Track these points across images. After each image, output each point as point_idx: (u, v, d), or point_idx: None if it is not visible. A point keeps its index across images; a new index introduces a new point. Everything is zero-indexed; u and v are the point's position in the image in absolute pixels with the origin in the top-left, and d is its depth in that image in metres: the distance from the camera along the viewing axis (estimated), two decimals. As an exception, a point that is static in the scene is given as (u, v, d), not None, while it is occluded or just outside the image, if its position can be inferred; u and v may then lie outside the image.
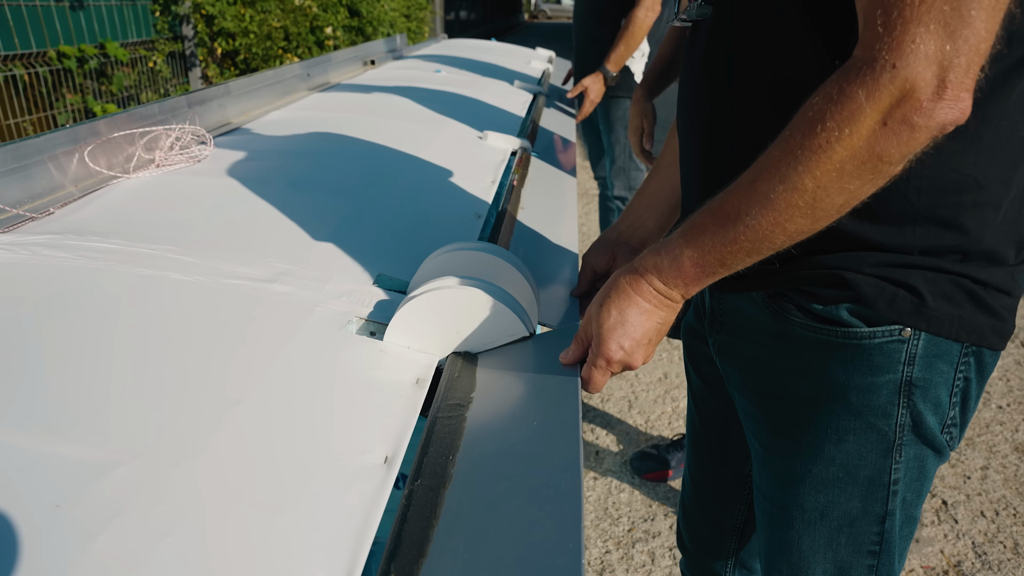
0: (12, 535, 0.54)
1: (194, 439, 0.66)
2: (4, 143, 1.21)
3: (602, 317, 0.80)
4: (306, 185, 1.38)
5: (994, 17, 0.59)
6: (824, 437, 0.84)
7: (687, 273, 0.76)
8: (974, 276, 0.77)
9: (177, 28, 5.23)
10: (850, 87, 0.62)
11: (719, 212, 0.72)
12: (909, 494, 0.86)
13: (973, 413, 0.86)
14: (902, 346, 0.78)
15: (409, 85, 2.49)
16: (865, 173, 0.64)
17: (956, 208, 0.74)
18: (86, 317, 0.84)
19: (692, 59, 0.88)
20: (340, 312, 0.95)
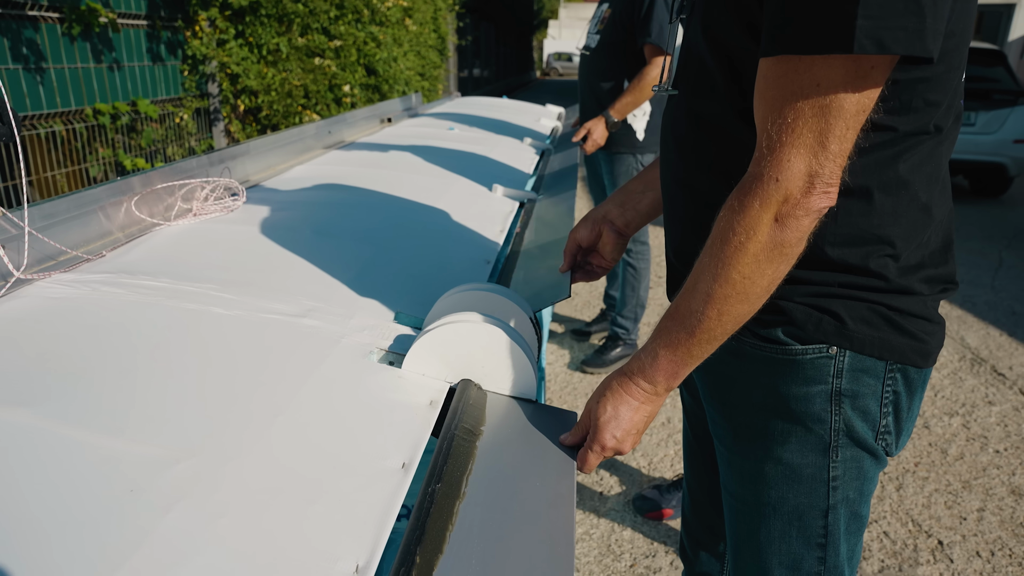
0: (97, 510, 0.65)
1: (241, 442, 0.78)
2: (64, 195, 1.35)
3: (599, 412, 0.95)
4: (330, 232, 1.52)
5: (848, 139, 0.77)
6: (773, 439, 0.97)
7: (665, 369, 0.91)
8: (889, 304, 0.90)
9: (203, 86, 5.47)
10: (747, 199, 0.80)
11: (676, 314, 0.89)
12: (850, 492, 0.97)
13: (911, 424, 0.99)
14: (830, 361, 0.91)
15: (424, 142, 2.65)
16: (775, 259, 0.81)
17: (864, 257, 0.89)
18: (144, 342, 0.97)
19: (665, 121, 1.06)
20: (363, 343, 1.07)
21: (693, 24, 0.97)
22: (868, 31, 0.71)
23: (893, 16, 0.71)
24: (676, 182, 1.02)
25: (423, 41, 8.19)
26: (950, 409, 3.08)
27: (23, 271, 1.14)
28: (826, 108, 0.75)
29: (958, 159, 7.17)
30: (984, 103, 7.08)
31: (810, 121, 0.76)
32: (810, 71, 0.75)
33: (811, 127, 0.76)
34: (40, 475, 0.69)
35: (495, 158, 2.57)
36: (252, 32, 5.55)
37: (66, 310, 1.05)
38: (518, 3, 24.56)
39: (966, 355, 3.62)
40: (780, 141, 0.78)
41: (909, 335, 0.92)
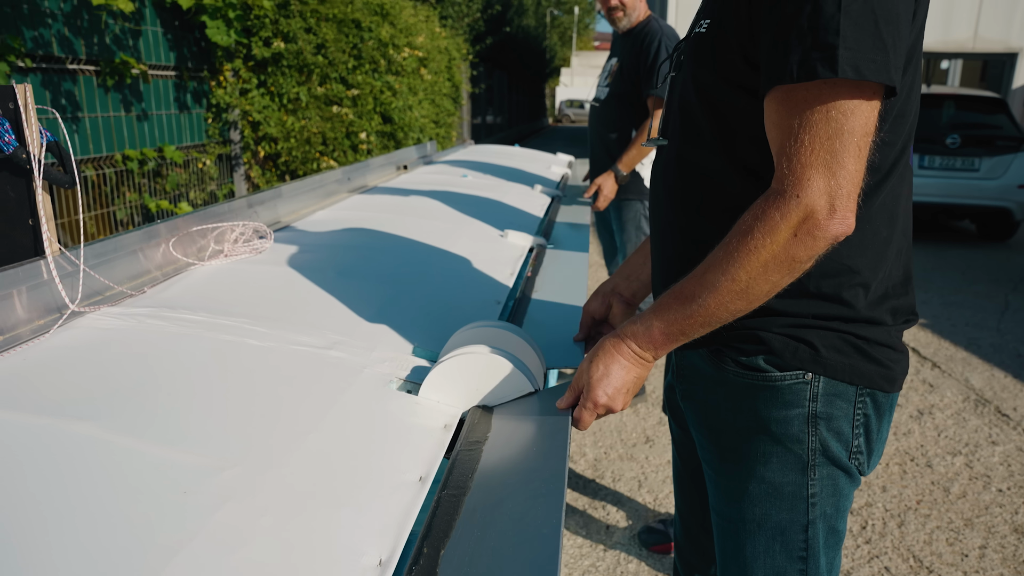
0: (156, 508, 0.75)
1: (277, 454, 0.88)
2: (111, 236, 1.47)
3: (591, 370, 1.03)
4: (352, 274, 1.63)
5: (860, 159, 0.87)
6: (756, 460, 1.06)
7: (656, 339, 1.00)
8: (857, 334, 1.01)
9: (226, 133, 5.68)
10: (770, 210, 0.89)
11: (680, 294, 0.97)
12: (828, 507, 1.06)
13: (881, 445, 1.09)
14: (806, 386, 1.01)
15: (439, 188, 2.78)
16: (783, 269, 0.90)
17: (836, 287, 1.00)
18: (188, 368, 1.07)
19: (656, 168, 1.17)
20: (383, 373, 1.17)
21: (683, 80, 1.09)
22: (848, 60, 0.84)
23: (865, 50, 0.84)
24: (667, 224, 1.13)
25: (437, 90, 8.43)
26: (953, 449, 3.13)
27: (77, 304, 1.25)
28: (838, 130, 0.86)
29: (964, 204, 7.28)
30: (988, 149, 7.21)
31: (824, 143, 0.86)
32: (819, 97, 0.86)
33: (826, 148, 0.86)
34: (108, 477, 0.79)
35: (507, 203, 2.69)
36: (273, 82, 5.77)
37: (117, 339, 1.16)
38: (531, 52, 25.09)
39: (970, 396, 3.68)
40: (800, 162, 0.87)
41: (876, 362, 1.02)
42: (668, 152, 1.12)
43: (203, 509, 0.76)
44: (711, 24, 1.00)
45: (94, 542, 0.70)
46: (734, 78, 0.97)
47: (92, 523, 0.72)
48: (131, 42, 4.39)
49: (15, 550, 0.68)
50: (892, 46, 0.85)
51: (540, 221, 2.55)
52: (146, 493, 0.77)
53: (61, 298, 1.25)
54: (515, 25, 20.50)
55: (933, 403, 3.59)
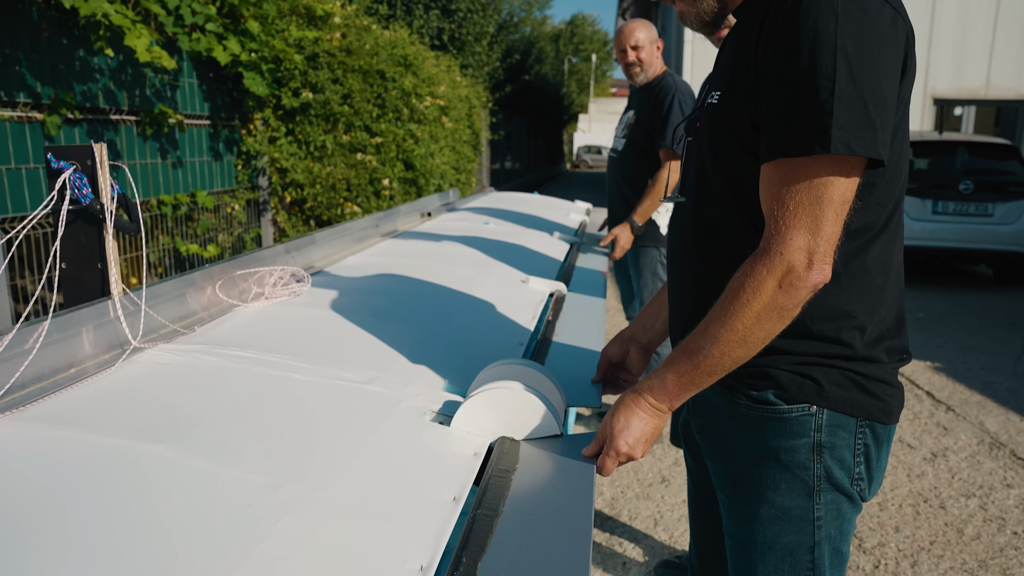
0: (225, 518, 0.86)
1: (326, 475, 0.99)
2: (166, 279, 1.60)
3: (614, 423, 1.15)
4: (385, 316, 1.75)
5: (837, 223, 1.00)
6: (766, 485, 1.15)
7: (671, 391, 1.12)
8: (857, 371, 1.11)
9: (255, 179, 5.88)
10: (758, 266, 1.02)
11: (687, 348, 1.10)
12: (832, 530, 1.15)
13: (881, 472, 1.18)
14: (811, 418, 1.11)
15: (462, 235, 2.91)
16: (774, 317, 1.03)
17: (836, 329, 1.11)
18: (241, 398, 1.19)
19: (674, 222, 1.28)
20: (418, 407, 1.28)
21: (700, 144, 1.21)
22: (840, 138, 0.96)
23: (856, 128, 0.96)
24: (683, 275, 1.24)
25: (458, 137, 8.66)
26: (967, 491, 3.16)
27: (138, 340, 1.38)
28: (819, 198, 0.99)
29: (979, 249, 7.34)
30: (1001, 195, 7.29)
31: (807, 208, 0.99)
32: (805, 170, 0.99)
33: (808, 213, 0.99)
34: (182, 491, 0.90)
35: (528, 249, 2.82)
36: (301, 130, 5.98)
37: (176, 372, 1.28)
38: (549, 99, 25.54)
39: (985, 439, 3.71)
40: (785, 224, 1.00)
41: (874, 396, 1.12)
42: (685, 208, 1.25)
43: (266, 520, 0.87)
44: (722, 96, 1.13)
45: (174, 545, 0.80)
46: (746, 145, 1.09)
47: (171, 529, 0.83)
48: (169, 93, 4.61)
49: (110, 550, 0.78)
50: (880, 125, 0.98)
51: (560, 267, 2.66)
52: (216, 505, 0.88)
53: (124, 335, 1.38)
54: (533, 73, 20.93)
55: (947, 446, 3.63)
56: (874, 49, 0.97)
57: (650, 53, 3.23)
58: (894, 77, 1.00)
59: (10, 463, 0.94)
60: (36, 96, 3.54)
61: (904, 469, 3.36)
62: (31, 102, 3.53)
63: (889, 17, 0.99)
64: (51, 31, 3.60)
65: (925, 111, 13.13)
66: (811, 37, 0.97)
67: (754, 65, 1.05)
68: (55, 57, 3.65)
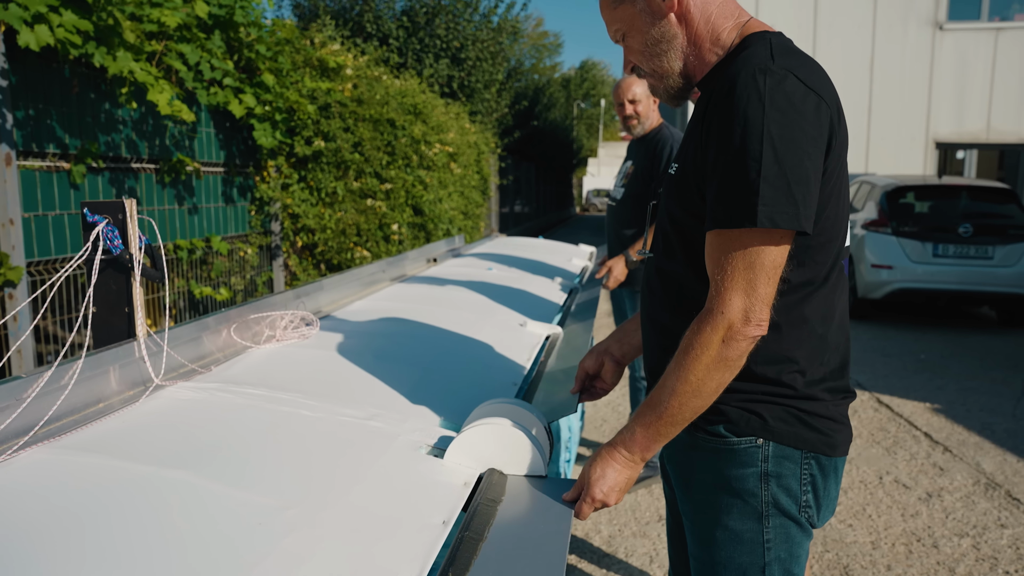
0: (237, 536, 0.97)
1: (330, 499, 1.10)
2: (186, 322, 1.73)
3: (591, 473, 1.27)
4: (388, 357, 1.87)
5: (770, 284, 1.13)
6: (721, 510, 1.27)
7: (640, 443, 1.24)
8: (799, 407, 1.23)
9: (267, 224, 6.06)
10: (703, 326, 1.16)
11: (651, 402, 1.23)
12: (781, 552, 1.26)
13: (830, 501, 1.29)
14: (758, 450, 1.23)
15: (465, 279, 3.05)
16: (722, 368, 1.16)
17: (778, 372, 1.23)
18: (254, 431, 1.31)
19: (644, 274, 1.42)
20: (415, 441, 1.39)
21: (662, 207, 1.35)
22: (766, 213, 1.10)
23: (779, 205, 1.10)
24: (650, 319, 1.37)
25: (467, 182, 8.87)
26: (960, 531, 3.22)
27: (160, 378, 1.50)
28: (752, 264, 1.13)
29: (980, 291, 7.43)
30: (1000, 238, 7.40)
31: (742, 273, 1.13)
32: (739, 240, 1.13)
33: (743, 277, 1.13)
34: (201, 510, 1.02)
35: (528, 293, 2.94)
36: (313, 177, 6.18)
37: (195, 408, 1.40)
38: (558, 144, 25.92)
39: (980, 479, 3.77)
40: (724, 287, 1.14)
41: (817, 431, 1.24)
42: (651, 262, 1.39)
43: (273, 536, 0.98)
44: (678, 169, 1.29)
45: (192, 556, 0.92)
46: (696, 211, 1.23)
47: (190, 542, 0.94)
48: (187, 143, 4.82)
49: (140, 560, 0.90)
50: (801, 201, 1.11)
51: (558, 311, 2.79)
52: (230, 523, 1.00)
53: (148, 373, 1.50)
54: (543, 118, 21.32)
55: (943, 486, 3.69)
56: (797, 134, 1.11)
57: (647, 106, 3.39)
58: (817, 157, 1.14)
59: (49, 485, 1.07)
60: (64, 147, 3.74)
61: (899, 509, 3.42)
62: (59, 152, 3.72)
63: (813, 103, 1.13)
64: (80, 86, 3.81)
65: (928, 155, 13.31)
66: (742, 123, 1.12)
67: (701, 144, 1.19)
68: (83, 110, 3.85)
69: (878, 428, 4.56)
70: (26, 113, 3.52)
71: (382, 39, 11.91)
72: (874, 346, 6.87)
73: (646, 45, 1.31)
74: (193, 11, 4.30)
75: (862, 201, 8.60)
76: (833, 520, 3.30)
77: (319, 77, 6.23)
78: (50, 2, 3.11)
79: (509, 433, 1.33)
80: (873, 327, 7.76)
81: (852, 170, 12.84)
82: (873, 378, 5.73)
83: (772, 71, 1.13)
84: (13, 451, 1.14)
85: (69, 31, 3.18)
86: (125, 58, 3.59)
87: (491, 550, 1.07)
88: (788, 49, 1.20)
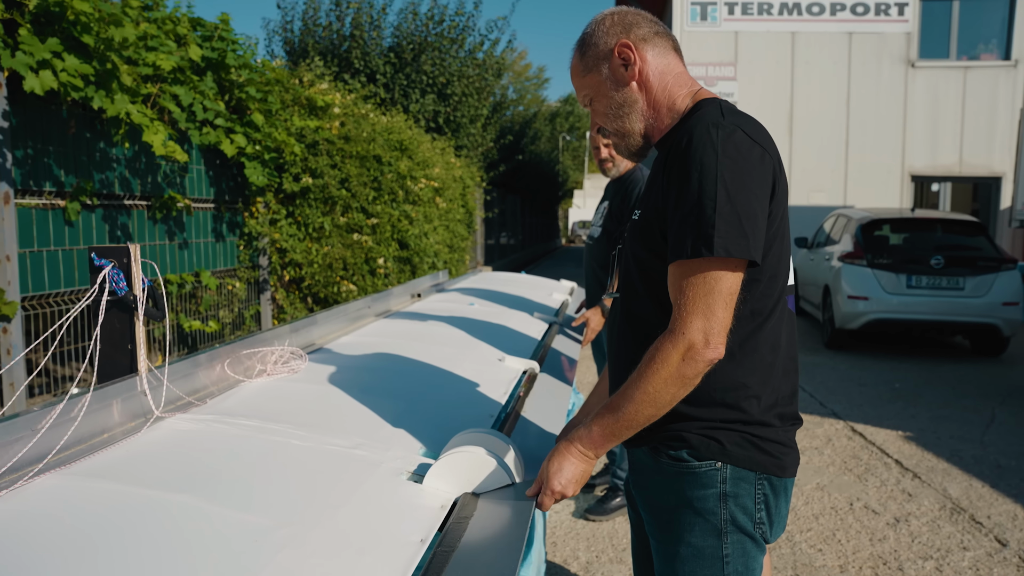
0: (237, 550, 1.09)
1: (319, 519, 1.22)
2: (181, 358, 1.85)
3: (549, 467, 1.40)
4: (372, 391, 1.99)
5: (727, 309, 1.27)
6: (684, 528, 1.40)
7: (596, 440, 1.37)
8: (753, 433, 1.37)
9: (255, 259, 6.18)
10: (665, 343, 1.29)
11: (610, 405, 1.36)
12: (739, 566, 1.38)
13: (780, 518, 1.42)
14: (717, 472, 1.36)
15: (447, 315, 3.18)
16: (678, 383, 1.29)
17: (736, 398, 1.37)
18: (249, 459, 1.43)
19: (611, 312, 1.55)
20: (397, 468, 1.51)
21: (626, 251, 1.49)
22: (721, 244, 1.25)
23: (732, 237, 1.25)
24: (616, 355, 1.51)
25: (452, 216, 9.03)
26: (925, 553, 3.34)
27: (160, 410, 1.62)
28: (710, 290, 1.27)
29: (952, 321, 7.63)
30: (971, 269, 7.63)
31: (702, 298, 1.27)
32: (699, 268, 1.28)
33: (703, 302, 1.27)
34: (206, 528, 1.13)
35: (508, 328, 3.08)
36: (300, 212, 6.32)
37: (194, 438, 1.52)
38: (543, 176, 26.22)
39: (946, 505, 3.90)
40: (686, 310, 1.28)
41: (769, 454, 1.37)
42: (618, 301, 1.53)
43: (268, 552, 1.10)
44: (641, 215, 1.44)
45: (200, 569, 1.04)
46: (659, 250, 1.37)
47: (195, 556, 1.06)
48: (179, 180, 4.95)
49: (149, 570, 1.02)
50: (751, 234, 1.27)
51: (536, 346, 2.92)
52: (229, 540, 1.12)
53: (148, 405, 1.62)
54: (528, 152, 21.61)
55: (910, 511, 3.82)
56: (746, 178, 1.27)
57: (620, 148, 3.56)
58: (763, 199, 1.30)
59: (63, 507, 1.18)
60: (60, 184, 3.86)
61: (867, 534, 3.55)
62: (55, 190, 3.84)
63: (758, 154, 1.30)
64: (76, 126, 3.94)
65: (904, 187, 13.64)
66: (699, 169, 1.27)
67: (663, 189, 1.34)
68: (78, 149, 3.98)
69: (851, 456, 4.69)
70: (25, 152, 3.65)
71: (369, 75, 12.13)
72: (851, 376, 7.03)
73: (610, 108, 1.49)
74: (187, 54, 4.46)
75: (839, 234, 8.83)
76: (804, 545, 3.41)
77: (307, 115, 6.39)
78: (53, 48, 3.26)
79: (483, 460, 1.46)
80: (850, 357, 7.93)
81: (832, 203, 13.15)
82: (848, 407, 5.88)
83: (723, 125, 1.30)
84: (29, 477, 1.26)
85: (71, 75, 3.32)
86: (122, 100, 3.73)
87: (461, 556, 1.19)
88: (735, 111, 1.38)
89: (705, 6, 13.67)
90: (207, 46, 4.89)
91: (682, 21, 13.67)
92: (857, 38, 13.53)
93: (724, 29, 13.65)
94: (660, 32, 1.47)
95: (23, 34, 3.18)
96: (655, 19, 1.51)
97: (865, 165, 13.62)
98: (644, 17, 1.49)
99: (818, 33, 13.55)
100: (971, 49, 13.61)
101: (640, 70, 1.45)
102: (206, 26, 5.00)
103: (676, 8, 13.68)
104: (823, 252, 8.94)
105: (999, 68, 13.39)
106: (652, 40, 1.46)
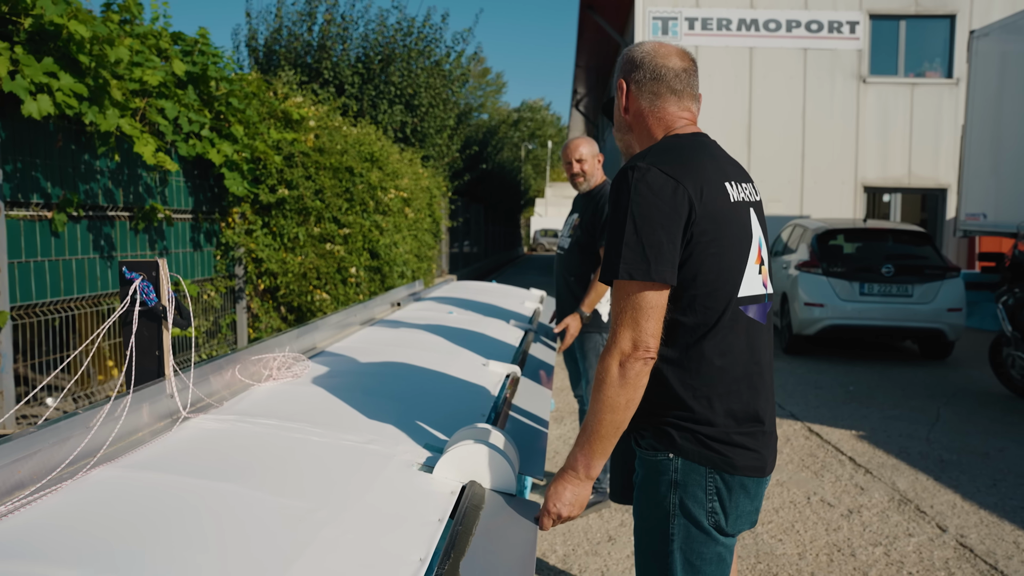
0: (285, 527, 1.26)
1: (349, 503, 1.39)
2: (200, 363, 2.00)
3: (549, 492, 1.61)
4: (375, 393, 2.16)
5: (651, 321, 1.49)
6: (647, 506, 1.62)
7: (581, 462, 1.58)
8: (699, 431, 1.57)
9: (232, 268, 6.27)
10: (606, 356, 1.52)
11: (583, 428, 1.59)
12: (683, 544, 1.59)
13: (738, 511, 1.60)
14: (670, 462, 1.58)
15: (430, 323, 3.35)
16: (624, 387, 1.50)
17: (685, 399, 1.57)
18: (277, 453, 1.59)
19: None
20: (408, 460, 1.69)
21: None
22: (626, 268, 1.49)
23: (635, 263, 1.49)
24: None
25: (419, 226, 9.17)
26: (875, 540, 3.61)
27: (186, 411, 1.77)
28: (634, 306, 1.50)
29: (902, 326, 8.00)
30: (919, 277, 8.02)
31: (629, 312, 1.50)
32: (624, 288, 1.51)
33: (630, 316, 1.50)
34: (249, 511, 1.30)
35: (488, 335, 3.26)
36: (276, 223, 6.43)
37: (222, 435, 1.68)
38: (506, 185, 26.45)
39: (895, 496, 4.18)
40: (617, 324, 1.51)
41: (715, 452, 1.57)
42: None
43: (312, 529, 1.27)
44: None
45: (255, 545, 1.20)
46: None
47: (252, 534, 1.23)
48: (159, 190, 5.04)
49: (203, 550, 1.18)
50: (654, 259, 1.49)
51: (515, 351, 3.11)
52: (276, 520, 1.28)
53: (175, 407, 1.77)
54: (492, 161, 21.82)
55: (862, 503, 4.09)
56: (653, 212, 1.50)
57: (592, 165, 3.78)
58: (670, 228, 1.50)
59: (119, 495, 1.33)
60: (47, 196, 3.95)
61: (823, 524, 3.80)
62: (42, 202, 3.93)
63: (670, 188, 1.51)
64: (63, 139, 4.03)
65: (857, 198, 14.14)
66: (615, 206, 1.54)
67: None
68: (64, 162, 4.07)
69: (808, 454, 4.96)
70: (14, 166, 3.74)
71: (339, 87, 12.23)
72: (808, 379, 7.35)
73: (617, 121, 1.78)
74: (171, 69, 4.57)
75: (796, 243, 9.19)
76: (765, 536, 3.65)
77: (283, 128, 6.51)
78: (48, 68, 3.37)
79: (485, 452, 1.64)
80: (808, 361, 8.27)
81: (789, 213, 13.57)
82: (805, 409, 6.17)
83: (639, 167, 1.54)
84: (87, 469, 1.41)
85: (67, 94, 3.43)
86: (114, 115, 3.84)
87: (477, 543, 1.37)
88: (666, 149, 1.59)
89: (667, 21, 14.07)
90: (188, 60, 5.00)
91: (644, 35, 14.04)
92: (812, 54, 14.03)
93: (685, 44, 14.03)
94: (659, 77, 1.66)
95: (19, 52, 3.28)
96: (670, 56, 1.68)
97: (820, 176, 14.10)
98: (653, 59, 1.67)
99: (775, 49, 14.02)
100: (917, 66, 14.21)
101: (627, 107, 1.72)
102: (186, 40, 5.11)
103: (639, 22, 14.05)
104: (781, 261, 9.28)
105: (943, 85, 14.00)
106: (646, 85, 1.68)
